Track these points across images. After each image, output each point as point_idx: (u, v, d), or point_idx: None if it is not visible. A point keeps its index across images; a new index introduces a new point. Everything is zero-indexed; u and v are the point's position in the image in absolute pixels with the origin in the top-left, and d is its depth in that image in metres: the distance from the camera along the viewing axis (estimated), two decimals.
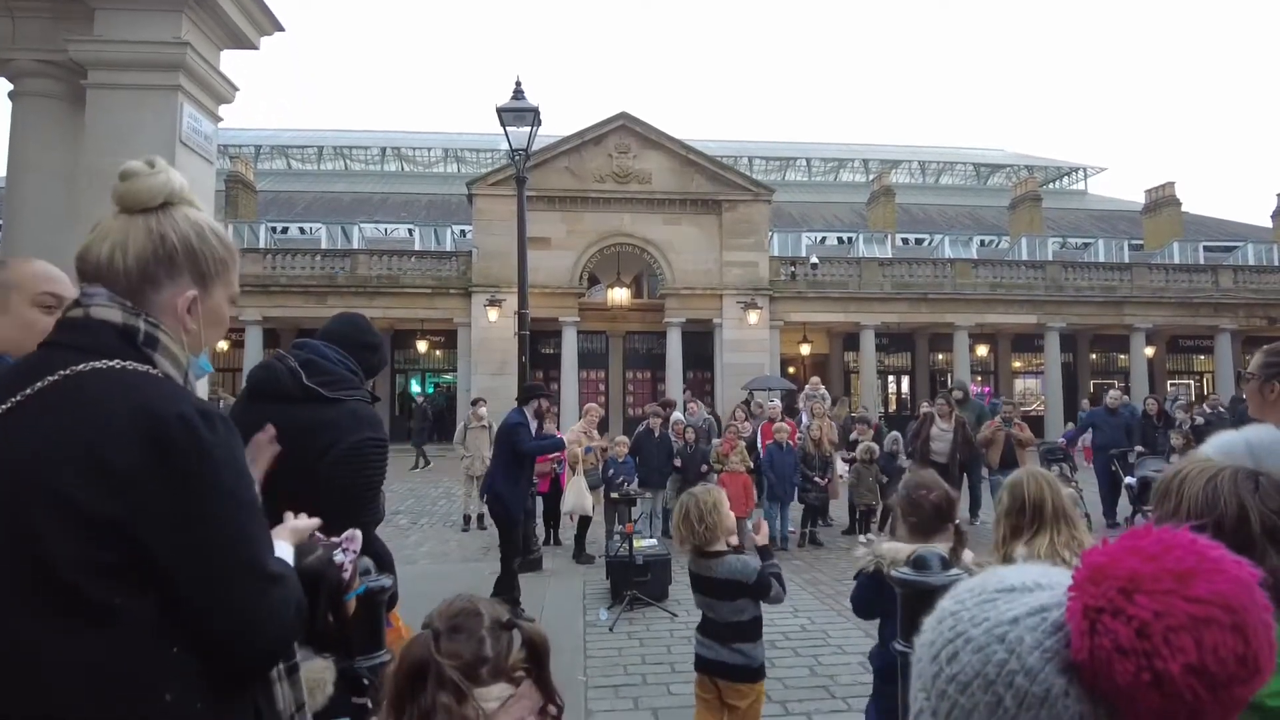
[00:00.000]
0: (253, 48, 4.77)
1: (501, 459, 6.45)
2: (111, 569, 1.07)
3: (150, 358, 1.19)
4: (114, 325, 1.18)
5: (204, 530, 1.12)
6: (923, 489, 2.66)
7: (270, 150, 39.13)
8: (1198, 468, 1.32)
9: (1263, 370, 2.38)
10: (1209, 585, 0.63)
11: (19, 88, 4.45)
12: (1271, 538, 1.19)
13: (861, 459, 9.80)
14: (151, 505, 1.08)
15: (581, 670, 5.08)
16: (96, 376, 1.13)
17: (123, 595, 1.08)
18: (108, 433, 1.08)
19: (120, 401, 1.12)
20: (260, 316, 21.90)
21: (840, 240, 29.51)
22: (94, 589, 1.06)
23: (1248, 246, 29.22)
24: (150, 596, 1.10)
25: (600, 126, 22.56)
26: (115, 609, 1.07)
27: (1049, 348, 24.40)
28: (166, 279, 1.23)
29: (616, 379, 25.33)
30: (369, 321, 2.68)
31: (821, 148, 43.73)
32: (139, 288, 1.21)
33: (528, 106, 8.91)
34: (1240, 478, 1.25)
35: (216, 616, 1.13)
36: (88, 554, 1.06)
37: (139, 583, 1.09)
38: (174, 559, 1.10)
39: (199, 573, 1.12)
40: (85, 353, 1.14)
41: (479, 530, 10.33)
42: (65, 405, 1.11)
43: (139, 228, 1.22)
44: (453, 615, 1.38)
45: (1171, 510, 1.29)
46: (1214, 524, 1.21)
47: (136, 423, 1.10)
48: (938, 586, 1.94)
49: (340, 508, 2.13)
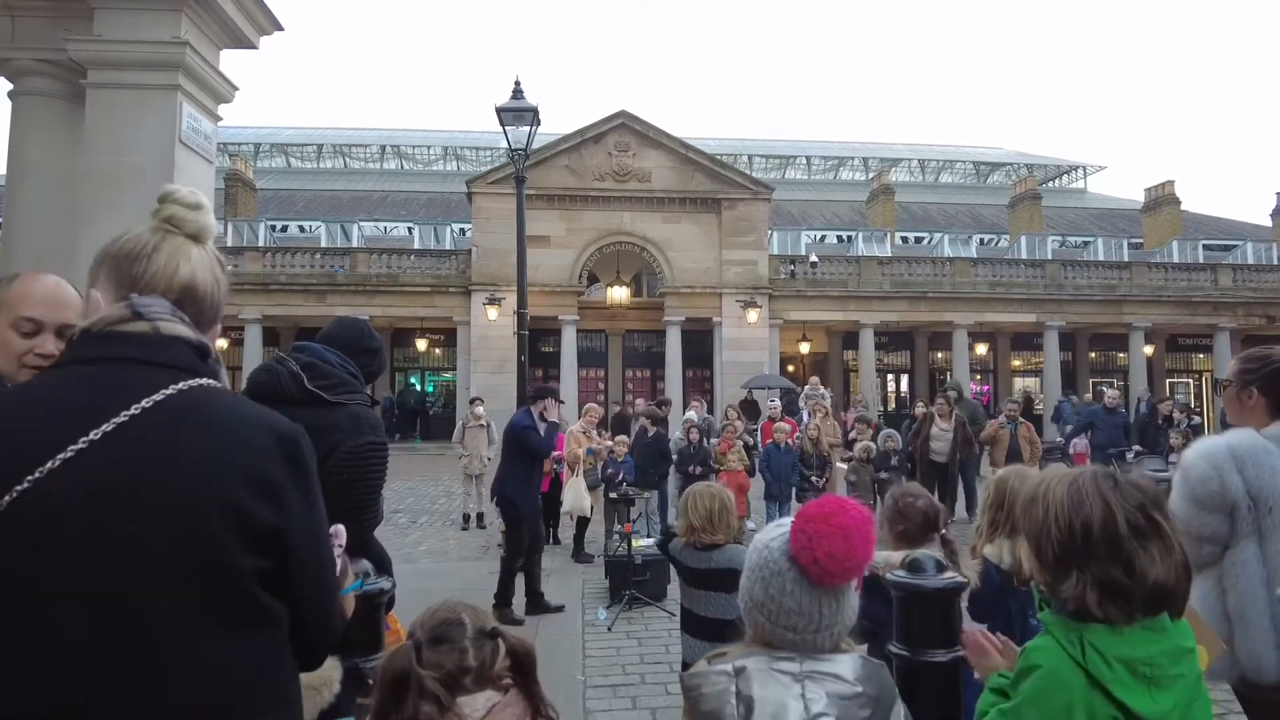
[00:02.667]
0: (252, 47, 4.77)
1: (511, 461, 6.41)
2: (268, 576, 1.12)
3: (219, 374, 1.22)
4: (189, 342, 1.18)
5: (320, 537, 1.23)
6: (910, 496, 2.68)
7: (270, 148, 39.11)
8: (1058, 475, 1.41)
9: (1239, 377, 2.40)
10: (835, 519, 1.37)
11: (18, 87, 4.45)
12: (1137, 533, 1.29)
13: (859, 458, 9.81)
14: (296, 516, 1.15)
15: (580, 670, 5.09)
16: (209, 394, 1.16)
17: (277, 601, 1.15)
18: (259, 448, 1.13)
19: (254, 418, 1.18)
20: (260, 315, 21.89)
21: (840, 239, 29.51)
22: (262, 596, 1.12)
23: (1247, 245, 29.24)
24: (284, 601, 1.16)
25: (600, 125, 22.55)
26: (275, 615, 1.14)
27: (1048, 346, 24.41)
28: (220, 311, 1.31)
29: (616, 378, 25.33)
30: (370, 326, 2.69)
31: (821, 146, 43.73)
32: (208, 317, 1.27)
33: (527, 106, 8.92)
34: (1100, 478, 1.34)
35: (318, 615, 1.22)
36: (256, 563, 1.10)
37: (281, 589, 1.15)
38: (303, 565, 1.17)
39: (314, 576, 1.20)
40: (178, 370, 1.15)
41: (478, 529, 10.35)
42: (201, 421, 1.12)
43: (209, 261, 1.28)
44: (435, 625, 1.38)
45: (1040, 518, 1.37)
46: (1082, 524, 1.31)
47: (274, 438, 1.16)
48: (933, 589, 1.95)
49: (341, 510, 2.14)
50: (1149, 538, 1.30)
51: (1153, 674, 1.28)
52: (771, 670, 1.31)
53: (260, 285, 21.77)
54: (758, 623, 1.37)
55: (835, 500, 1.42)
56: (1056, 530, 1.33)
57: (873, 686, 1.32)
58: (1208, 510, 2.24)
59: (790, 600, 1.33)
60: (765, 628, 1.36)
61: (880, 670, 1.37)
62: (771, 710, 1.26)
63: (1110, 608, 1.29)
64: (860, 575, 1.41)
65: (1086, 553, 1.30)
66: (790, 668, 1.31)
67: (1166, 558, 1.29)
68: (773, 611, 1.35)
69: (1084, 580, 1.30)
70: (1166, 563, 1.29)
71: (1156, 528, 1.31)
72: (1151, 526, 1.30)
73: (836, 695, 1.28)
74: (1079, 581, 1.30)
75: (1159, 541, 1.30)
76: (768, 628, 1.35)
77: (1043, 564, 1.38)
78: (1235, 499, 2.21)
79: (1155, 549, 1.29)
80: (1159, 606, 1.31)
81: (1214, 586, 2.29)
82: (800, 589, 1.33)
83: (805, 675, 1.30)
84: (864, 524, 1.35)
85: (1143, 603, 1.29)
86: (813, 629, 1.33)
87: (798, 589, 1.33)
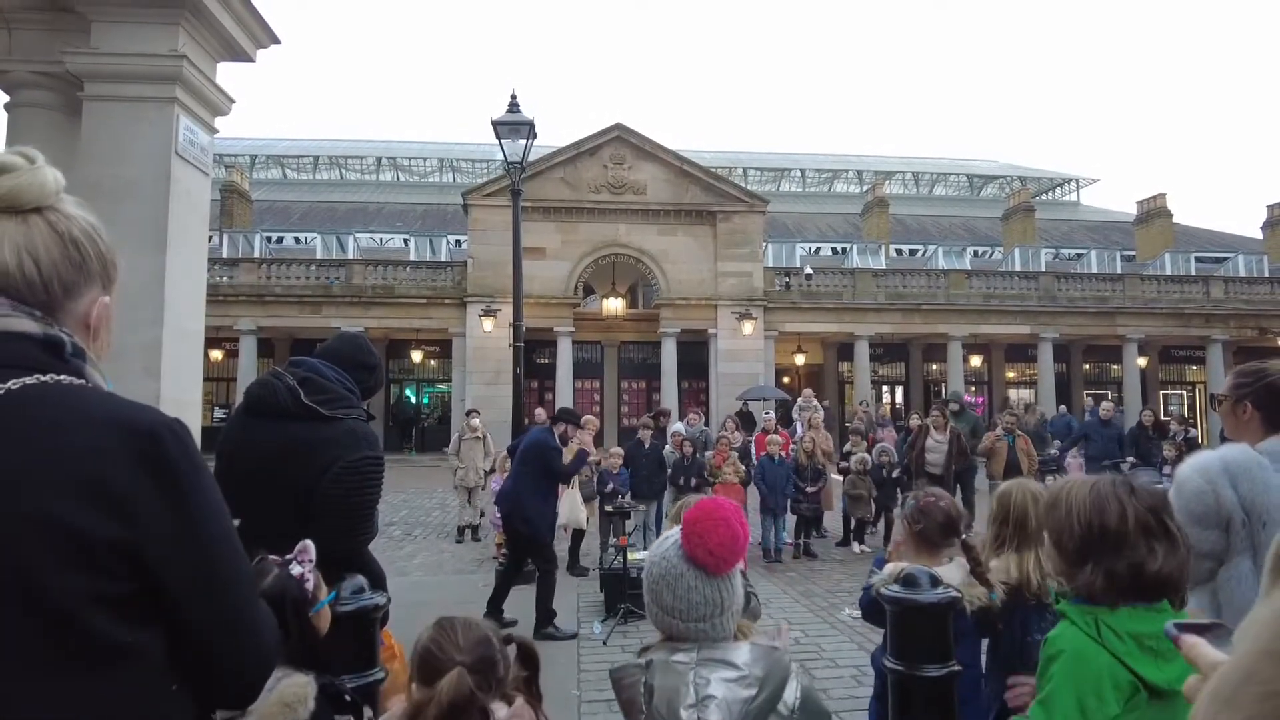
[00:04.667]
0: (249, 60, 4.78)
1: (531, 477, 6.26)
2: (119, 601, 0.96)
3: (81, 370, 1.05)
4: (32, 337, 1.02)
5: (213, 548, 1.04)
6: (932, 496, 2.66)
7: (265, 159, 39.13)
8: (1079, 480, 1.63)
9: (1234, 391, 2.40)
10: (715, 514, 1.58)
11: (15, 99, 4.46)
12: (1143, 530, 1.51)
13: (855, 470, 9.82)
14: (156, 525, 0.98)
15: (575, 684, 5.06)
16: (42, 391, 0.99)
17: (132, 630, 0.97)
18: (95, 450, 0.97)
19: (94, 414, 1.00)
20: (255, 326, 21.86)
21: (834, 251, 29.61)
22: (101, 625, 0.94)
23: (1238, 257, 29.41)
24: (156, 628, 1.00)
25: (596, 138, 22.64)
26: (124, 647, 0.97)
27: (1042, 358, 24.49)
28: (84, 286, 1.08)
29: (611, 389, 25.32)
30: (369, 341, 2.69)
31: (816, 158, 43.94)
32: (58, 298, 1.05)
33: (523, 120, 8.95)
34: (1118, 484, 1.57)
35: (224, 641, 1.05)
36: (93, 586, 0.94)
37: (146, 614, 0.99)
38: (183, 582, 1.01)
39: (207, 594, 1.03)
40: (9, 369, 0.99)
41: (473, 542, 10.30)
42: (19, 425, 0.96)
43: (41, 229, 1.04)
44: (474, 645, 1.40)
45: (1062, 518, 1.58)
46: (1100, 522, 1.53)
47: (122, 436, 0.98)
48: (927, 604, 1.95)
49: (337, 525, 2.14)
50: (1157, 536, 1.50)
51: (1157, 647, 1.43)
52: (670, 661, 1.54)
53: (255, 297, 21.76)
54: (669, 624, 1.59)
55: (708, 500, 1.66)
56: (1078, 526, 1.53)
57: (760, 668, 1.51)
58: (1204, 526, 2.23)
59: (696, 595, 1.56)
60: (678, 627, 1.57)
61: (771, 654, 1.57)
62: (667, 696, 1.48)
63: (1119, 593, 1.49)
64: (744, 556, 1.64)
65: (1102, 546, 1.51)
66: (686, 658, 1.53)
67: (1172, 554, 1.49)
68: (683, 611, 1.56)
69: (1099, 570, 1.50)
70: (1171, 558, 1.49)
71: (1164, 527, 1.51)
72: (1160, 526, 1.51)
73: (723, 679, 1.49)
74: (1094, 571, 1.50)
75: (1166, 540, 1.50)
76: (680, 626, 1.56)
77: (1063, 556, 1.58)
78: (1230, 513, 2.21)
79: (1161, 546, 1.49)
80: (1160, 594, 1.50)
81: (1209, 601, 2.28)
82: (702, 583, 1.56)
83: (699, 663, 1.52)
84: (737, 512, 1.61)
85: (1147, 590, 1.49)
86: (718, 613, 1.56)
87: (699, 583, 1.56)
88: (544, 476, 6.28)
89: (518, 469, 6.47)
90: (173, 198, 4.11)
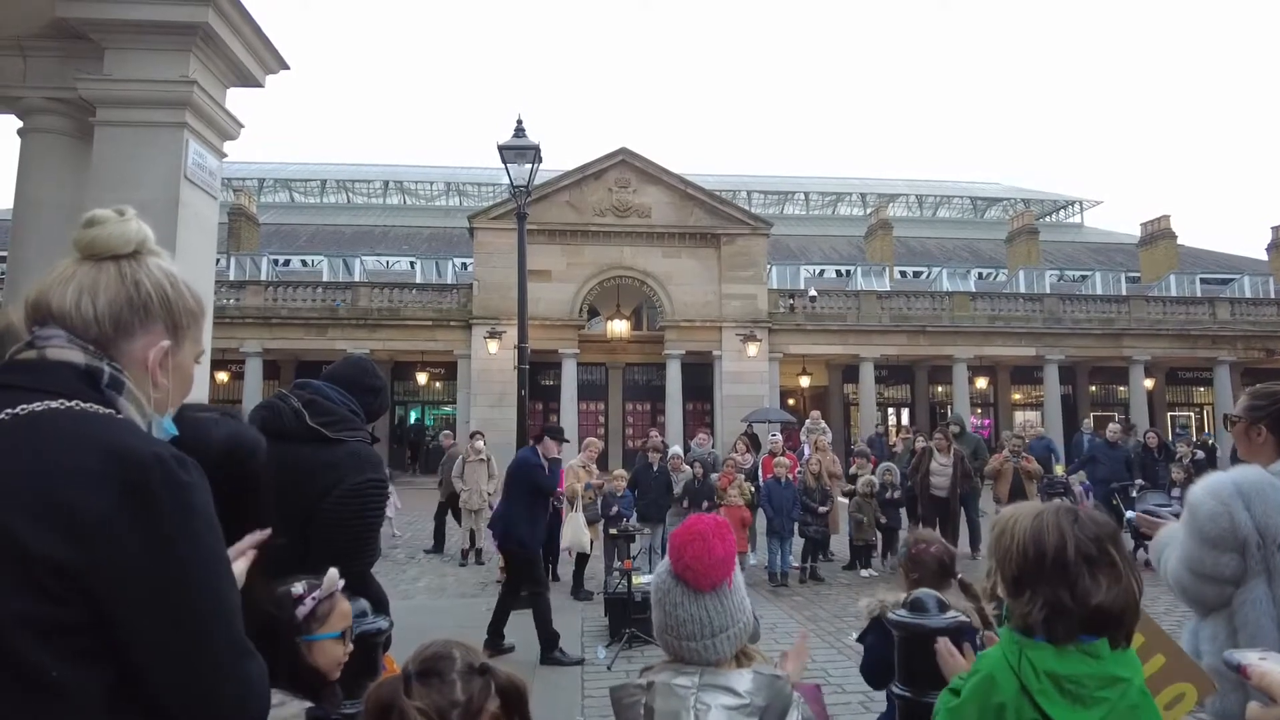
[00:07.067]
0: (258, 85, 4.85)
1: (519, 499, 6.32)
2: (55, 628, 0.91)
3: (114, 401, 1.08)
4: (74, 366, 1.06)
5: (184, 587, 0.98)
6: (922, 543, 2.69)
7: (273, 183, 39.51)
8: (1026, 508, 1.58)
9: (1248, 413, 2.38)
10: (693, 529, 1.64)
11: (28, 124, 4.52)
12: (1086, 561, 1.44)
13: (862, 493, 9.76)
14: (118, 556, 0.94)
15: (579, 710, 5.01)
16: (54, 415, 1.01)
17: (65, 666, 0.91)
18: (67, 471, 0.96)
19: (87, 439, 1.00)
20: (261, 348, 21.94)
21: (838, 273, 29.67)
22: (24, 650, 0.89)
23: (1244, 279, 29.37)
24: (100, 669, 0.94)
25: (600, 161, 22.81)
26: (54, 683, 0.90)
27: (1048, 380, 24.41)
28: (140, 327, 1.12)
29: (616, 411, 25.30)
30: (375, 365, 2.71)
31: (819, 181, 44.15)
32: (110, 335, 1.10)
33: (528, 144, 9.03)
34: (1062, 513, 1.50)
35: (186, 687, 0.99)
36: (35, 610, 0.90)
37: (89, 652, 0.93)
38: (138, 624, 0.95)
39: (169, 643, 0.97)
40: (39, 393, 1.02)
41: (476, 565, 10.25)
42: (16, 443, 0.98)
43: (109, 274, 1.12)
44: (424, 659, 1.37)
45: (1006, 545, 1.54)
46: (1037, 550, 1.47)
47: (107, 462, 0.97)
48: (935, 629, 1.93)
49: (340, 547, 2.14)
50: (1099, 566, 1.42)
51: (1077, 692, 1.39)
52: (671, 684, 1.54)
53: (262, 319, 21.86)
54: (668, 643, 1.61)
55: (695, 517, 1.71)
56: (1017, 554, 1.49)
57: (762, 697, 1.50)
58: (1221, 549, 2.20)
59: (682, 611, 1.57)
60: (674, 645, 1.58)
61: (774, 683, 1.55)
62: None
63: (1054, 626, 1.42)
64: (729, 572, 1.63)
65: (1039, 575, 1.45)
66: (688, 682, 1.53)
67: (1114, 585, 1.42)
68: (673, 627, 1.58)
69: (1035, 600, 1.44)
70: (1113, 590, 1.41)
71: (1108, 557, 1.44)
72: (1103, 556, 1.43)
73: (724, 705, 1.48)
74: (1030, 600, 1.45)
75: (1109, 570, 1.43)
76: (675, 645, 1.58)
77: (1005, 584, 1.54)
78: (1245, 536, 2.18)
79: (1104, 576, 1.42)
80: (1100, 629, 1.42)
81: (1225, 626, 2.25)
82: (687, 599, 1.57)
83: (701, 688, 1.52)
84: (718, 527, 1.64)
85: (1084, 623, 1.41)
86: (708, 634, 1.55)
87: (685, 599, 1.57)
88: (529, 494, 6.30)
89: (508, 491, 6.61)
90: (181, 221, 4.15)
